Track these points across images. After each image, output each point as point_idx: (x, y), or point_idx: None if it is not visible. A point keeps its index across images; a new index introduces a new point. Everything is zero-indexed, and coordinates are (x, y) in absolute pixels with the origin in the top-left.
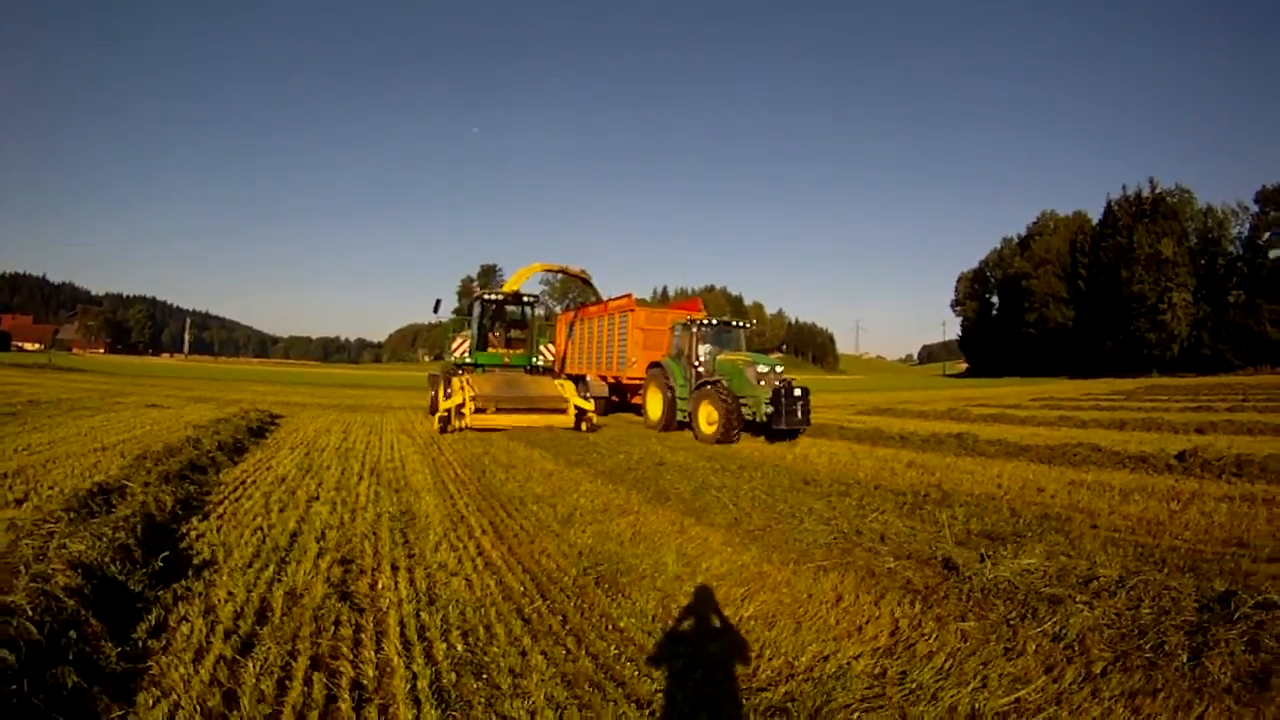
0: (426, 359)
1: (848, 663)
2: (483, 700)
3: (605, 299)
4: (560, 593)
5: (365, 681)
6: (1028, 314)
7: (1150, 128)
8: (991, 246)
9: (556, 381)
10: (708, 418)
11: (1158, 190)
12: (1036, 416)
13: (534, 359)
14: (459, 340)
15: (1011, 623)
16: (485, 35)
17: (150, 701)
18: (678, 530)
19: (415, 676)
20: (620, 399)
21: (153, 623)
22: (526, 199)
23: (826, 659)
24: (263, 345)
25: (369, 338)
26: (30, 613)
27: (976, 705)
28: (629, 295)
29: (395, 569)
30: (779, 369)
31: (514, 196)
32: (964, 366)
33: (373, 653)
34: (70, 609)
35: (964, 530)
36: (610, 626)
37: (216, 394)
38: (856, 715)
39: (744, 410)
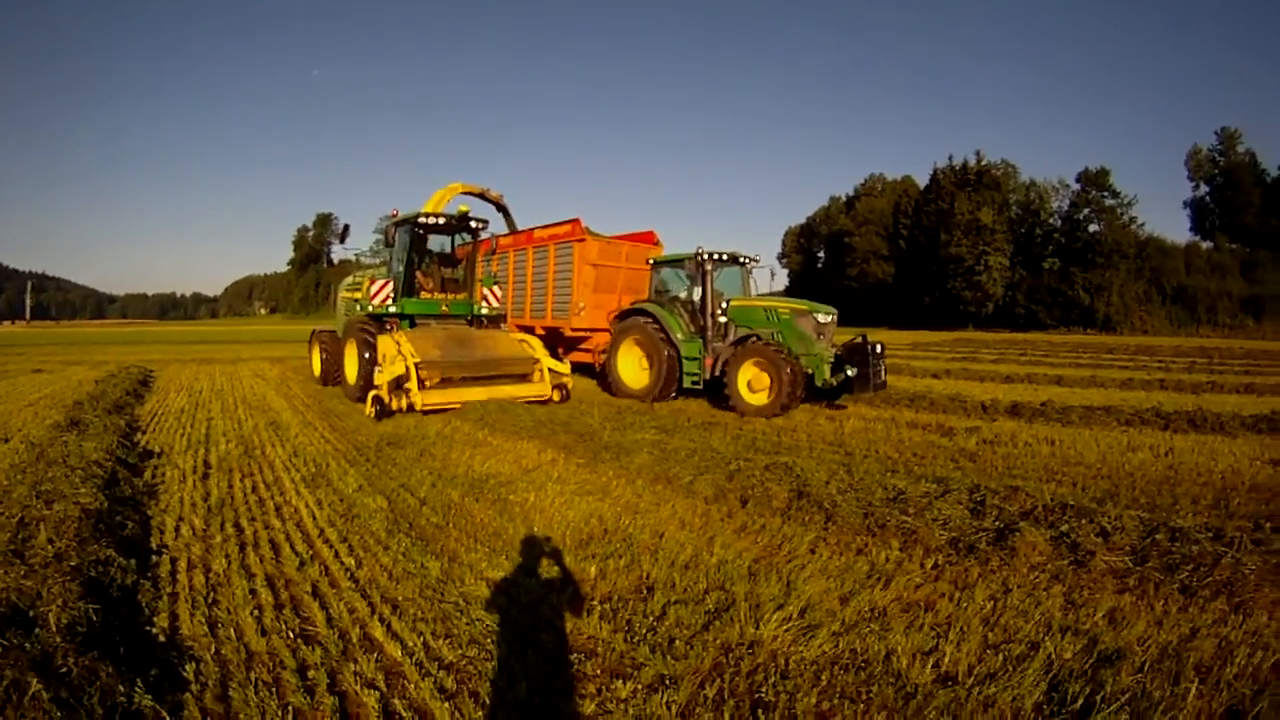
0: (263, 311)
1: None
2: (325, 484)
3: (522, 229)
4: (368, 449)
5: (269, 482)
6: (849, 269)
7: (984, 105)
8: (819, 204)
9: (516, 336)
10: (752, 383)
11: (983, 162)
12: None
13: (478, 307)
14: (378, 284)
15: (604, 460)
16: None
17: (166, 499)
18: (444, 421)
19: (293, 479)
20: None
21: (150, 474)
22: (365, 145)
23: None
24: (99, 305)
25: (205, 292)
26: (94, 468)
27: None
28: (576, 220)
29: (274, 445)
30: (832, 318)
31: (351, 142)
32: None
33: (270, 474)
34: (110, 466)
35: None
36: (391, 460)
37: (83, 357)
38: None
39: None
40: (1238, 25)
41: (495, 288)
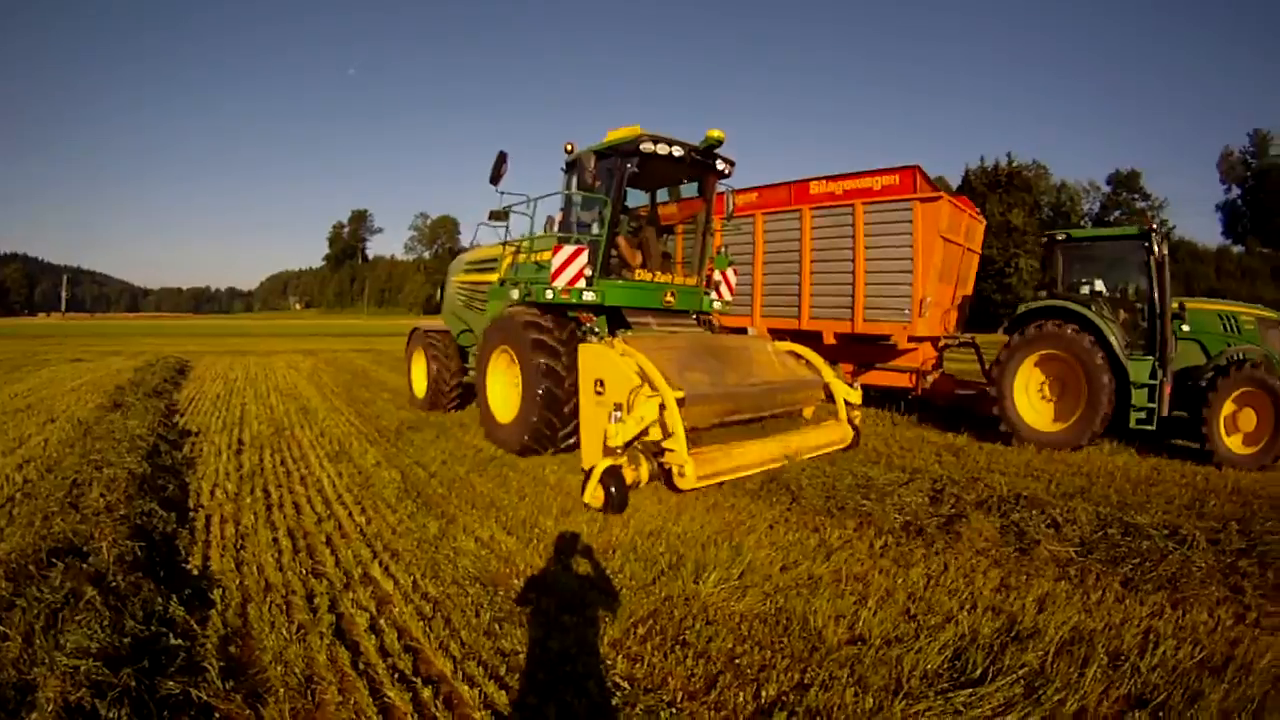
0: (298, 306)
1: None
2: (346, 460)
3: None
4: (389, 432)
5: (296, 457)
6: None
7: (1016, 105)
8: None
9: (781, 347)
10: (1230, 422)
11: (1014, 164)
12: None
13: (708, 297)
14: (566, 251)
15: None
16: None
17: (203, 468)
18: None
19: (318, 455)
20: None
21: (188, 449)
22: (400, 143)
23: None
24: (134, 299)
25: (239, 286)
26: (140, 442)
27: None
28: (913, 168)
29: (302, 427)
30: None
31: (388, 141)
32: None
33: (297, 451)
34: (152, 441)
35: None
36: (409, 441)
37: (120, 348)
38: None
39: None
40: (1272, 26)
41: (729, 271)
